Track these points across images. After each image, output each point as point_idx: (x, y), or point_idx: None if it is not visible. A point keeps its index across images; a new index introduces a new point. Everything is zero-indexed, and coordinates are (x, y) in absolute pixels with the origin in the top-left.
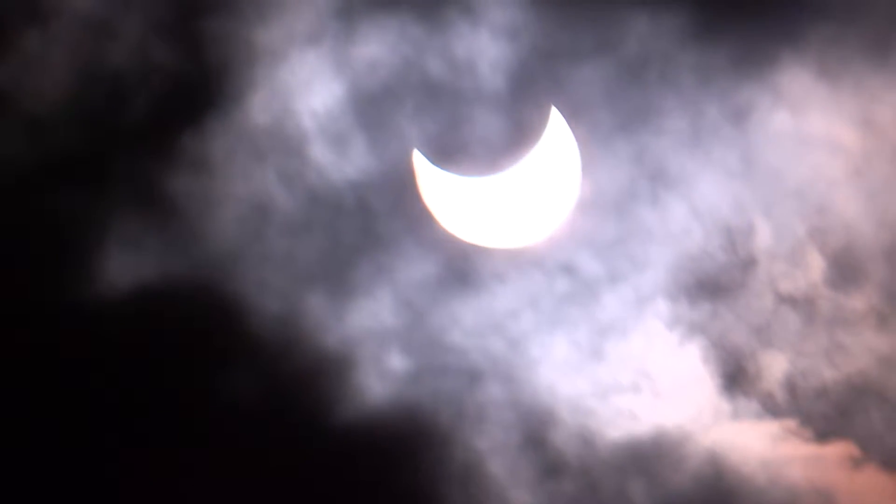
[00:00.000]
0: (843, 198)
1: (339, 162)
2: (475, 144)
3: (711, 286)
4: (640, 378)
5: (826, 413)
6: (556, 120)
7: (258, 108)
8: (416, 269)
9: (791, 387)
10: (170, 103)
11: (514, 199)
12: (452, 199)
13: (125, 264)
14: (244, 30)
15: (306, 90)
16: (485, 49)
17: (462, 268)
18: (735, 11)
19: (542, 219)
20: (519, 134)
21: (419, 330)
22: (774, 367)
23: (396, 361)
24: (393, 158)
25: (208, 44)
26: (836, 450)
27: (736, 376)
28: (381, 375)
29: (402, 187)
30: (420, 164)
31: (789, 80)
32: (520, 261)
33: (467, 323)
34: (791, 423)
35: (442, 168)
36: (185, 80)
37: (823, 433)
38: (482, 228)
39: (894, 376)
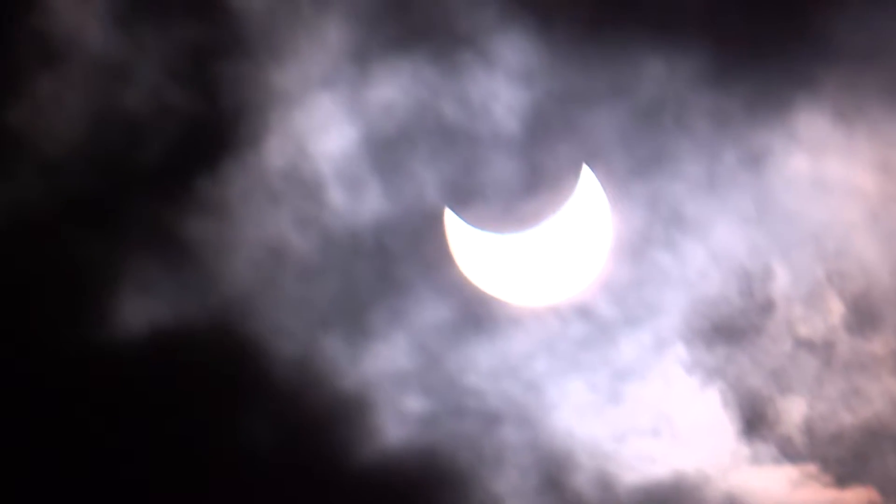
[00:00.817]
0: (861, 242)
1: (355, 205)
2: (504, 201)
3: (730, 330)
4: (658, 422)
5: (846, 458)
6: (587, 178)
7: (273, 151)
8: (431, 313)
9: (810, 431)
10: (184, 147)
11: (542, 257)
12: (481, 254)
13: (140, 308)
14: (259, 73)
15: (321, 133)
16: (500, 93)
17: (478, 312)
18: (750, 55)
19: (569, 278)
20: (548, 191)
21: (435, 373)
22: (793, 411)
23: (413, 404)
24: (408, 202)
25: (222, 87)
26: (857, 495)
27: (755, 421)
28: (398, 418)
29: (418, 231)
30: (450, 220)
31: (805, 124)
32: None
33: (484, 366)
34: (811, 468)
35: (471, 224)
36: (200, 124)
37: (843, 478)
38: (508, 284)
39: None
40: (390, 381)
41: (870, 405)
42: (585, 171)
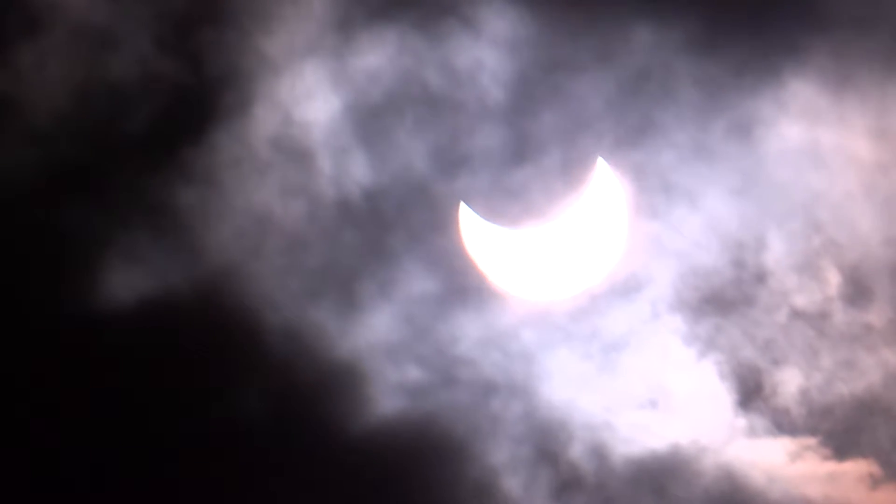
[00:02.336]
0: (856, 211)
1: (341, 174)
2: (520, 195)
3: (725, 301)
4: (655, 393)
5: (843, 430)
6: (603, 172)
7: (259, 119)
8: (420, 283)
9: (807, 403)
10: (171, 115)
11: (556, 253)
12: (494, 249)
13: (127, 277)
14: (244, 42)
15: (307, 102)
16: (486, 61)
17: (467, 282)
18: (739, 23)
19: (581, 275)
20: (562, 184)
21: (427, 343)
22: (790, 382)
23: (406, 374)
24: (395, 171)
25: (208, 55)
26: (856, 467)
27: (751, 392)
28: (391, 389)
29: (406, 200)
30: (465, 215)
31: (796, 93)
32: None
33: (475, 337)
34: (808, 441)
35: (485, 219)
36: (186, 92)
37: (842, 450)
38: (522, 280)
39: None
40: (382, 351)
41: (866, 377)
42: (601, 163)
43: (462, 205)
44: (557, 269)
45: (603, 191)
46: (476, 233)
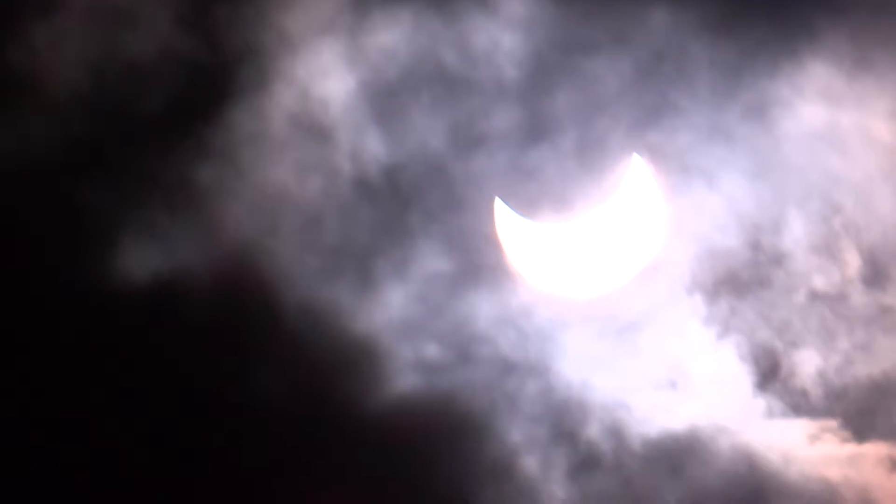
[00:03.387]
0: (877, 192)
1: (358, 152)
2: (535, 176)
3: (745, 282)
4: (674, 374)
5: (863, 412)
6: (639, 168)
7: (276, 97)
8: (436, 260)
9: (826, 385)
10: (187, 92)
11: (588, 249)
12: (529, 244)
13: (143, 254)
14: (261, 18)
15: (324, 79)
16: (501, 40)
17: (484, 260)
18: (755, 5)
19: (615, 273)
20: (597, 179)
21: (444, 320)
22: (809, 364)
23: (424, 352)
24: (411, 149)
25: (225, 32)
26: (876, 450)
27: (770, 374)
28: (408, 366)
29: (422, 178)
30: (500, 210)
31: (814, 74)
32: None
33: (492, 315)
34: (827, 422)
35: (520, 213)
36: (202, 69)
37: (861, 433)
38: (557, 276)
39: None
40: (398, 328)
41: (885, 359)
42: (636, 160)
43: (497, 200)
44: (588, 264)
45: (636, 187)
46: (508, 226)
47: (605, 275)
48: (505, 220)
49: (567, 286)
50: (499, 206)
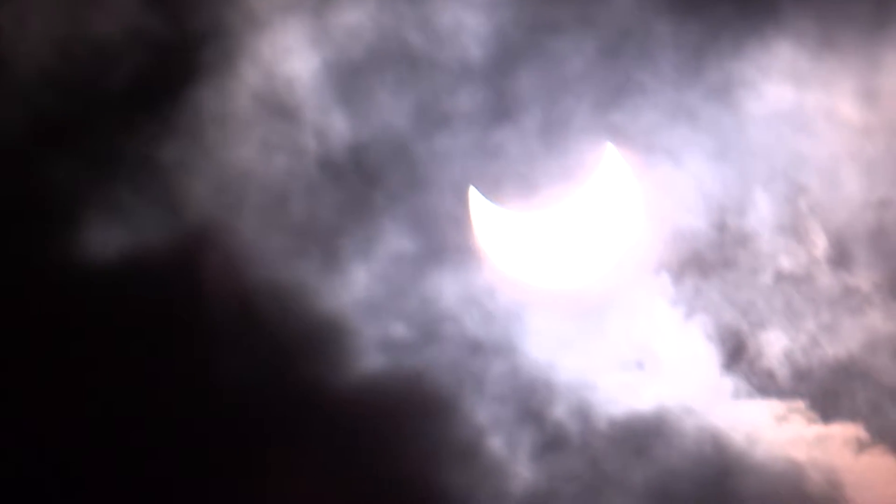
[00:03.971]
0: (844, 173)
1: (323, 131)
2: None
3: (712, 263)
4: (641, 354)
5: (829, 393)
6: (607, 150)
7: (241, 76)
8: (400, 240)
9: (793, 365)
10: (152, 70)
11: (555, 230)
12: (503, 233)
13: (108, 233)
14: None
15: (288, 58)
16: (466, 20)
17: (449, 240)
18: None
19: (582, 254)
20: (570, 168)
21: (410, 300)
22: (776, 345)
23: (390, 331)
24: (375, 129)
25: (191, 11)
26: (844, 431)
27: (738, 354)
28: (375, 345)
29: (386, 158)
30: (474, 198)
31: (780, 55)
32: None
33: (460, 294)
34: (794, 403)
35: (487, 195)
36: (169, 48)
37: (828, 413)
38: (530, 265)
39: None
40: (364, 307)
41: (851, 340)
42: (610, 149)
43: (472, 189)
44: (554, 246)
45: (605, 169)
46: (476, 208)
47: (571, 256)
48: (474, 202)
49: (534, 267)
50: (472, 191)
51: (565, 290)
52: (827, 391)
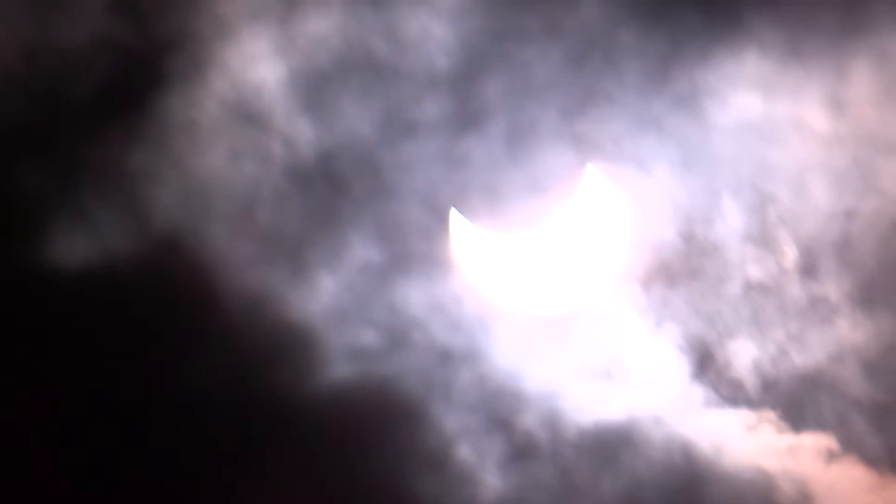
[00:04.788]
0: (813, 183)
1: (289, 140)
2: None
3: (680, 273)
4: (611, 364)
5: (799, 403)
6: (581, 168)
7: (209, 83)
8: (366, 249)
9: (763, 375)
10: (120, 78)
11: (529, 248)
12: (484, 255)
13: (75, 240)
14: (194, 5)
15: (256, 66)
16: (431, 29)
17: (414, 249)
18: None
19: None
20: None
21: (378, 309)
22: (746, 354)
23: (360, 339)
24: (341, 138)
25: (158, 19)
26: (814, 441)
27: (708, 364)
28: (344, 353)
29: (352, 167)
30: (455, 218)
31: (747, 64)
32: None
33: (427, 303)
34: (764, 413)
35: (476, 224)
36: (136, 55)
37: (798, 423)
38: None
39: (870, 366)
40: (332, 316)
41: (822, 350)
42: (591, 170)
43: (453, 210)
44: (524, 256)
45: (579, 187)
46: (464, 236)
47: (540, 267)
48: (454, 219)
49: (502, 276)
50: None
51: (534, 299)
52: (796, 401)
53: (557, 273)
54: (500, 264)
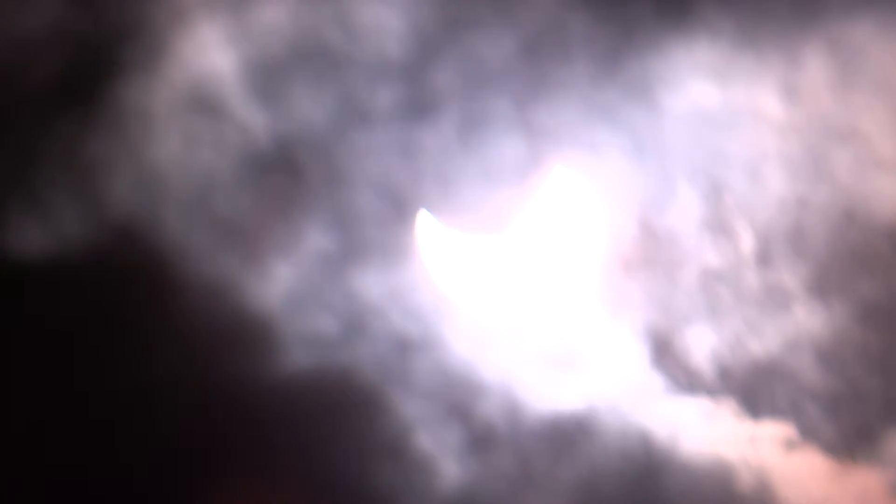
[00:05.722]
0: (768, 170)
1: (243, 127)
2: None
3: (638, 261)
4: (569, 352)
5: (757, 391)
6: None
7: (163, 72)
8: (322, 237)
9: (721, 363)
10: (75, 65)
11: (484, 235)
12: (452, 255)
13: (31, 227)
14: None
15: (211, 54)
16: (384, 18)
17: (370, 237)
18: None
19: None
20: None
21: (336, 296)
22: (704, 342)
23: (317, 325)
24: (295, 126)
25: (112, 8)
26: (775, 429)
27: (666, 352)
28: (302, 340)
29: (305, 155)
30: (424, 219)
31: (700, 52)
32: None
33: (384, 291)
34: (724, 401)
35: (445, 224)
36: (90, 44)
37: (756, 411)
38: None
39: (825, 355)
40: (289, 303)
41: (780, 336)
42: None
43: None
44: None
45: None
46: (432, 237)
47: (495, 254)
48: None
49: (461, 266)
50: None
51: (492, 286)
52: (754, 389)
53: (516, 263)
54: (459, 255)
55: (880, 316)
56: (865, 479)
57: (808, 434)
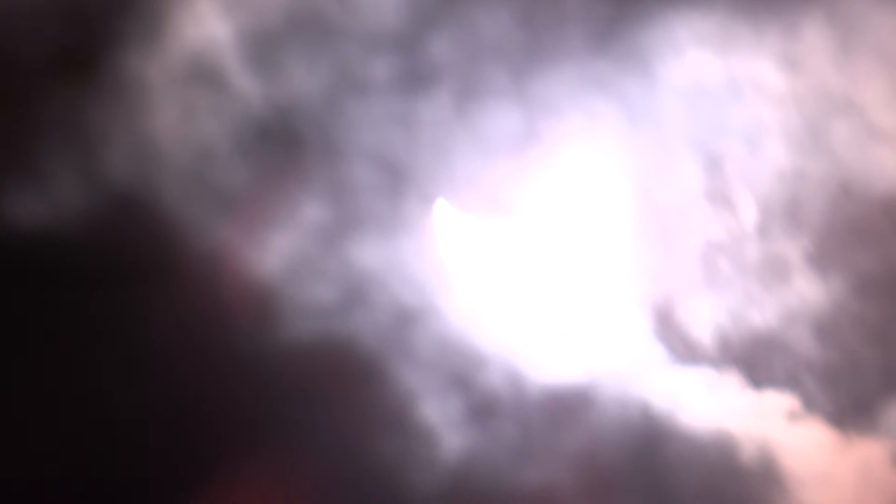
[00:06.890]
0: (770, 142)
1: (241, 97)
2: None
3: (639, 231)
4: (571, 321)
5: (760, 362)
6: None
7: (161, 42)
8: (320, 209)
9: (723, 334)
10: (74, 35)
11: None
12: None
13: (32, 196)
14: None
15: (206, 25)
16: None
17: (370, 208)
18: None
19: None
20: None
21: (337, 266)
22: (706, 313)
23: (318, 295)
24: (290, 98)
25: None
26: (775, 400)
27: (668, 322)
28: (303, 309)
29: (301, 127)
30: (441, 207)
31: (699, 22)
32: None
33: (390, 260)
34: (726, 371)
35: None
36: (89, 13)
37: (759, 382)
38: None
39: (824, 327)
40: (290, 272)
41: (781, 309)
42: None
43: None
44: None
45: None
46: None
47: (498, 226)
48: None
49: (460, 237)
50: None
51: (492, 255)
52: (757, 360)
53: (516, 235)
54: (459, 227)
55: (878, 288)
56: (868, 450)
57: (811, 405)
